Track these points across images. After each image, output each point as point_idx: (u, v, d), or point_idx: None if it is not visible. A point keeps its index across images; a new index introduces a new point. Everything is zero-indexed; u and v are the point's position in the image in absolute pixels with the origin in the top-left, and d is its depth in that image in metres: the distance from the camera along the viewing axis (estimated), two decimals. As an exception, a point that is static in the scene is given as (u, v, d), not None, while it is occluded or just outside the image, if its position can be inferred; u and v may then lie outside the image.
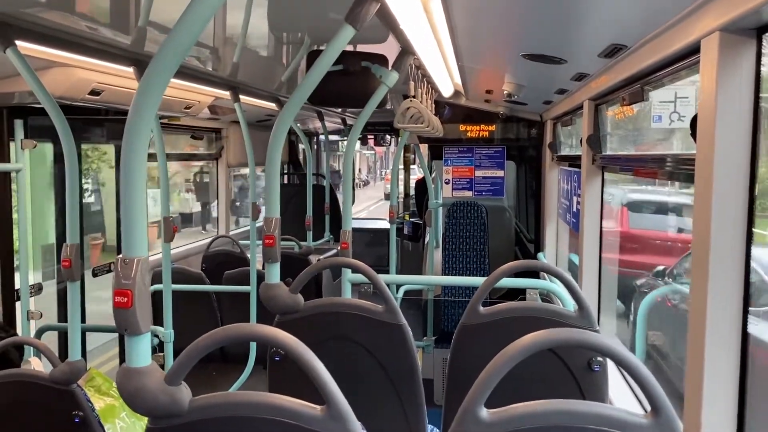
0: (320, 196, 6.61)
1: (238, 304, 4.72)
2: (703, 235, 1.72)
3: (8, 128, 3.55)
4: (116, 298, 1.28)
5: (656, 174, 2.86)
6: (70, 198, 2.64)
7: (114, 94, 3.50)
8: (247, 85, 4.21)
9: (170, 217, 3.51)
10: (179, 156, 7.19)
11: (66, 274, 2.64)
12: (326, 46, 1.96)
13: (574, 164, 4.34)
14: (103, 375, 3.21)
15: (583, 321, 2.24)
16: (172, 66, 1.26)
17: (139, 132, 1.27)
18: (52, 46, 2.78)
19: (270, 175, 2.21)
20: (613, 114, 3.59)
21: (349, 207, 3.18)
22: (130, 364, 1.31)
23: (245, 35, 3.09)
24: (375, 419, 2.16)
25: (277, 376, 2.34)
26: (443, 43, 3.01)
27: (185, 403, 1.31)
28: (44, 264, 4.49)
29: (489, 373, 1.24)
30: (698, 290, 1.75)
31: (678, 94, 3.38)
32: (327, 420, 1.28)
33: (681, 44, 1.94)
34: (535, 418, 1.24)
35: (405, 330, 2.32)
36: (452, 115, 6.27)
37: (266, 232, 2.20)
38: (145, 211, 1.32)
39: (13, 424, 2.43)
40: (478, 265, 6.10)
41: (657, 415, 1.21)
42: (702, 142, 1.76)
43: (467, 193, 6.41)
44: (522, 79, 3.94)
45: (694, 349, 1.79)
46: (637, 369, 1.22)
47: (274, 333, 1.32)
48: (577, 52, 2.81)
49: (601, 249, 3.72)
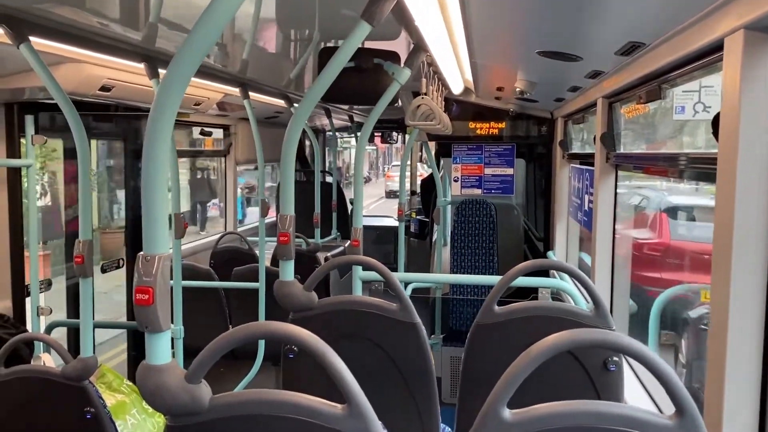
0: (327, 193, 6.59)
1: (246, 301, 4.72)
2: (724, 234, 1.70)
3: (19, 124, 3.54)
4: (137, 295, 1.26)
5: (672, 173, 2.83)
6: (82, 194, 2.63)
7: (124, 90, 3.49)
8: (256, 81, 4.20)
9: (181, 214, 3.50)
10: (189, 152, 7.19)
11: (78, 270, 2.63)
12: (341, 43, 1.94)
13: (586, 162, 4.31)
14: (114, 371, 3.20)
15: (600, 320, 2.21)
16: (195, 63, 1.25)
17: (161, 131, 1.26)
18: (64, 41, 2.78)
19: (285, 174, 2.20)
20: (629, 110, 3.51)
21: (359, 204, 3.16)
22: (150, 361, 1.30)
23: (255, 32, 3.08)
24: (389, 417, 2.15)
25: (290, 373, 2.32)
26: (457, 39, 2.99)
27: (205, 402, 1.30)
28: (53, 260, 4.49)
29: (512, 373, 1.22)
30: (720, 290, 1.73)
31: (702, 83, 3.20)
32: (348, 418, 1.27)
33: (702, 42, 1.92)
34: (559, 418, 1.22)
35: (419, 328, 2.31)
36: (461, 112, 6.23)
37: (281, 230, 2.19)
38: (167, 209, 1.31)
39: (25, 420, 2.42)
40: (487, 263, 6.09)
41: (681, 415, 1.19)
42: (725, 141, 1.73)
43: (476, 191, 6.38)
44: (535, 76, 3.92)
45: (715, 349, 1.77)
46: (662, 369, 1.20)
47: (295, 331, 1.31)
48: (594, 50, 2.78)
49: (614, 248, 3.69)
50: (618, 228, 3.76)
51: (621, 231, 3.90)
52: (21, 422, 2.44)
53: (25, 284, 3.63)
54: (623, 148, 3.63)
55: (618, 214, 3.76)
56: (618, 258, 3.78)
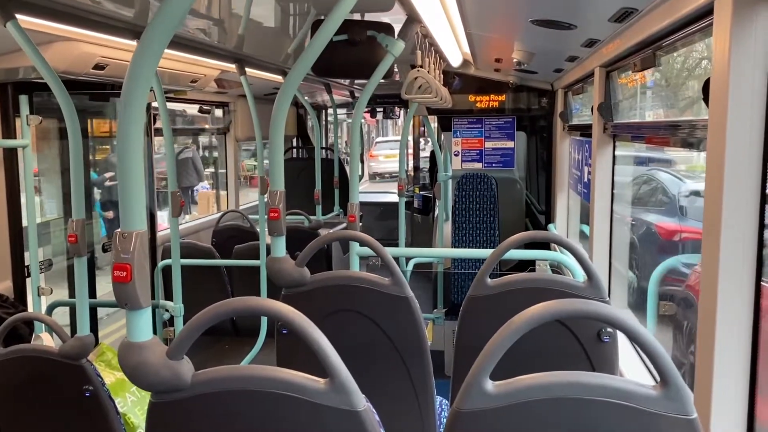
0: (329, 170, 6.58)
1: (248, 278, 4.74)
2: (714, 202, 1.68)
3: (13, 104, 3.53)
4: (115, 272, 1.26)
5: (669, 142, 2.80)
6: (74, 173, 2.63)
7: (118, 68, 3.47)
8: (253, 57, 4.17)
9: (177, 192, 3.50)
10: (186, 130, 7.17)
11: (72, 250, 2.64)
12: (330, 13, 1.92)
13: (586, 133, 4.27)
14: (114, 350, 3.23)
15: (593, 292, 2.20)
16: (168, 32, 1.23)
17: (135, 103, 1.24)
18: (53, 19, 2.75)
19: (274, 148, 2.19)
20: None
21: (356, 180, 3.15)
22: (131, 338, 1.30)
23: (250, 6, 3.04)
24: (383, 391, 2.16)
25: (285, 349, 2.33)
26: (449, 9, 2.96)
27: (187, 377, 1.30)
28: (53, 240, 4.50)
29: (494, 344, 1.22)
30: (709, 260, 1.72)
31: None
32: (330, 392, 1.27)
33: (693, 6, 1.88)
34: (541, 389, 1.21)
35: (412, 302, 2.30)
36: (462, 86, 6.18)
37: (270, 205, 2.18)
38: (144, 185, 1.30)
39: (24, 399, 2.44)
40: (489, 237, 6.07)
41: (666, 386, 1.19)
42: (715, 107, 1.71)
43: (477, 165, 6.35)
44: (532, 46, 3.87)
45: (705, 319, 1.76)
46: (644, 339, 1.19)
47: (275, 306, 1.31)
48: (588, 17, 2.74)
49: (612, 219, 3.67)
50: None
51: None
52: (20, 401, 2.46)
53: (25, 264, 3.65)
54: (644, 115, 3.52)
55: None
56: (617, 229, 3.76)
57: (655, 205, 5.87)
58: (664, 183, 5.94)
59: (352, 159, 3.20)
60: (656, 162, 6.06)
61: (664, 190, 5.90)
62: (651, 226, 5.65)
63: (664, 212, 5.81)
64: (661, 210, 5.84)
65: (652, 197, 5.99)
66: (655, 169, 6.06)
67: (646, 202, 5.97)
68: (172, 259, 3.69)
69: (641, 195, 5.93)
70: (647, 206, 5.91)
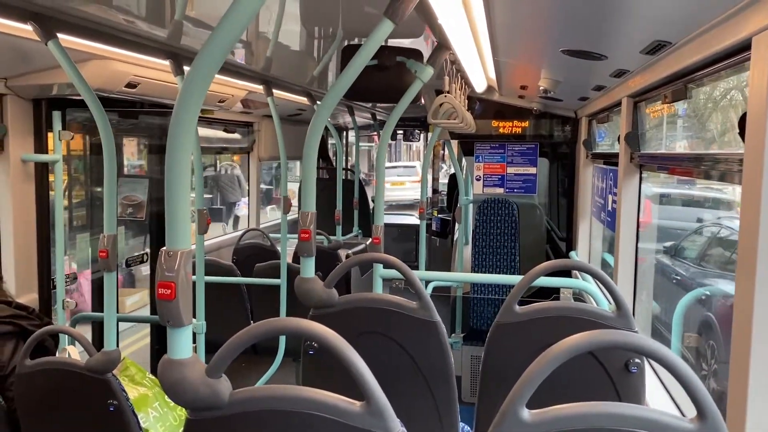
0: (349, 191, 6.61)
1: (268, 297, 4.74)
2: (750, 236, 1.68)
3: (47, 120, 3.59)
4: (160, 290, 1.28)
5: (697, 174, 2.79)
6: (107, 190, 2.66)
7: (150, 87, 3.53)
8: (279, 79, 4.22)
9: (204, 210, 3.53)
10: (213, 149, 7.25)
11: (102, 265, 2.67)
12: (364, 41, 1.94)
13: (610, 162, 4.27)
14: (137, 365, 3.24)
15: (621, 321, 2.19)
16: (218, 60, 1.26)
17: (185, 127, 1.27)
18: (90, 38, 2.81)
19: (306, 171, 2.21)
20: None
21: (381, 202, 3.17)
22: (171, 355, 1.32)
23: (278, 30, 3.09)
24: (407, 415, 2.15)
25: (310, 369, 2.33)
26: (480, 37, 2.98)
27: (225, 396, 1.31)
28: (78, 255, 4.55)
29: (532, 373, 1.22)
30: (744, 292, 1.71)
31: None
32: (366, 416, 1.27)
33: (730, 41, 1.89)
34: (579, 420, 1.21)
35: (439, 327, 2.30)
36: (484, 111, 6.20)
37: (302, 227, 2.20)
38: (188, 205, 1.33)
39: (50, 411, 2.46)
40: (508, 262, 6.06)
41: (703, 419, 1.18)
42: (751, 142, 1.71)
43: (498, 190, 6.35)
44: (559, 74, 3.89)
45: (738, 352, 1.74)
46: (683, 372, 1.18)
47: (315, 327, 1.31)
48: (619, 48, 2.76)
49: (637, 248, 3.66)
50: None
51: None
52: (46, 413, 2.48)
53: (51, 278, 3.68)
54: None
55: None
56: (641, 260, 3.74)
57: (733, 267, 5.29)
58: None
59: (378, 181, 3.21)
60: (711, 202, 5.54)
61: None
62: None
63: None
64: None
65: (726, 253, 5.12)
66: (727, 217, 5.36)
67: (721, 261, 5.12)
68: (195, 276, 3.72)
69: (712, 252, 5.35)
70: (724, 268, 5.03)
